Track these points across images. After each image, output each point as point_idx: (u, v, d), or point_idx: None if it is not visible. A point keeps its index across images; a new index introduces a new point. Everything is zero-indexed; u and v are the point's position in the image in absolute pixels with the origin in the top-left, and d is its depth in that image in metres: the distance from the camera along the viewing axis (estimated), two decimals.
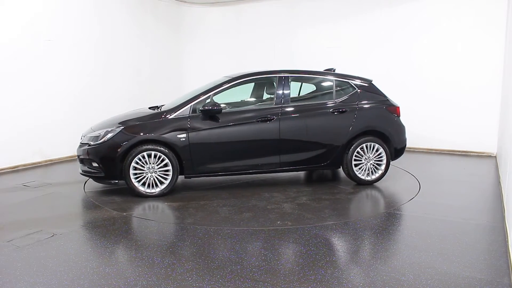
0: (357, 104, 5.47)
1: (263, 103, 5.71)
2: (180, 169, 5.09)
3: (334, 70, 5.82)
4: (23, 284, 2.86)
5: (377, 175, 5.51)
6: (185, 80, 10.03)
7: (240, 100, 5.95)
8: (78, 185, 5.62)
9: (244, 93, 5.90)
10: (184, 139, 4.99)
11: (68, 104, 7.44)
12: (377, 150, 5.45)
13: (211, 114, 5.08)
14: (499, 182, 5.63)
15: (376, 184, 5.53)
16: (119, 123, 5.08)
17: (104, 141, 4.98)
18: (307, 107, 5.45)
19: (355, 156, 5.41)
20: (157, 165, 4.98)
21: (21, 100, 6.70)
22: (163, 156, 4.96)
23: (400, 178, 5.91)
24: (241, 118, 5.23)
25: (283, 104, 5.33)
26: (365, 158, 5.45)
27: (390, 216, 4.31)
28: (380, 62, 8.33)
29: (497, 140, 7.38)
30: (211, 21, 10.12)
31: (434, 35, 7.87)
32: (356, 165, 5.43)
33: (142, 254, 3.37)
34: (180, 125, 5.04)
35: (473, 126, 7.71)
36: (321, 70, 5.88)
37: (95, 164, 5.04)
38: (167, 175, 5.02)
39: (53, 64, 7.14)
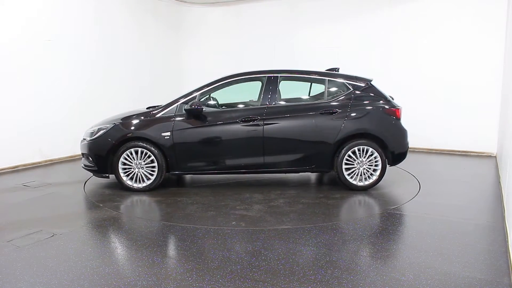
0: (350, 105, 5.19)
1: (251, 103, 5.69)
2: (166, 166, 5.26)
3: (337, 70, 5.70)
4: (23, 284, 2.86)
5: (370, 181, 5.21)
6: (185, 80, 10.03)
7: (230, 100, 5.98)
8: (78, 185, 5.62)
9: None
10: (168, 137, 5.16)
11: (68, 104, 7.44)
12: (371, 155, 5.16)
13: (193, 113, 5.17)
14: (499, 182, 5.63)
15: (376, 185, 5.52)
16: (112, 121, 5.39)
17: (96, 137, 5.29)
18: (293, 108, 5.28)
19: (348, 160, 5.17)
20: (144, 162, 5.21)
21: (21, 100, 6.70)
22: (149, 153, 5.17)
23: (400, 178, 5.90)
24: (225, 118, 5.26)
25: (270, 104, 5.26)
26: (358, 163, 5.18)
27: (390, 216, 4.31)
28: (380, 62, 8.34)
29: (497, 140, 7.38)
30: (211, 21, 10.12)
31: (434, 35, 7.87)
32: (348, 169, 5.19)
33: (142, 254, 3.37)
34: (165, 123, 5.21)
35: (473, 126, 7.71)
36: (318, 69, 5.76)
37: (90, 158, 5.37)
38: (153, 171, 5.22)
39: (53, 64, 7.14)
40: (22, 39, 6.64)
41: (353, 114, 5.18)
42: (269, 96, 5.29)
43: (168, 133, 5.16)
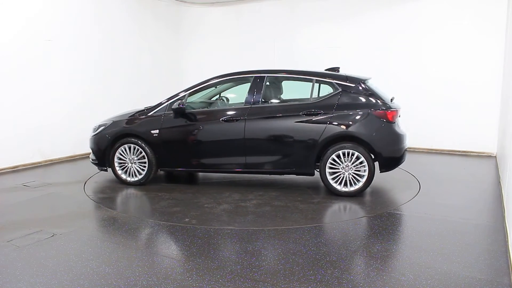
0: (335, 106, 4.96)
1: (238, 103, 5.77)
2: (156, 162, 5.49)
3: (338, 69, 5.61)
4: (23, 284, 2.86)
5: (356, 187, 4.91)
6: (185, 80, 10.02)
7: (220, 100, 6.13)
8: (78, 185, 5.63)
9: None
10: (156, 134, 5.39)
11: (68, 104, 7.44)
12: (357, 159, 4.87)
13: (178, 112, 5.32)
14: (499, 182, 5.63)
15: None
16: (112, 118, 5.79)
17: (97, 133, 5.70)
18: (277, 108, 5.23)
19: (332, 164, 4.94)
20: (137, 157, 5.51)
21: (22, 100, 6.69)
22: (140, 149, 5.46)
23: (400, 178, 5.90)
24: (210, 117, 5.38)
25: (253, 104, 5.23)
26: (343, 167, 4.93)
27: (390, 216, 4.31)
28: (380, 62, 8.33)
29: (497, 140, 7.38)
30: (211, 21, 10.11)
31: (435, 35, 7.86)
32: (333, 174, 4.96)
33: (142, 254, 3.37)
34: (155, 122, 5.45)
35: (473, 126, 7.71)
36: (306, 69, 5.66)
37: (93, 152, 5.80)
38: (145, 166, 5.49)
39: (53, 64, 7.14)
40: (22, 39, 6.63)
41: (337, 116, 4.92)
42: (254, 96, 5.27)
43: (157, 131, 5.39)
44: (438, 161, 7.34)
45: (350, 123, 4.90)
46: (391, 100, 5.26)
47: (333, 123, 4.92)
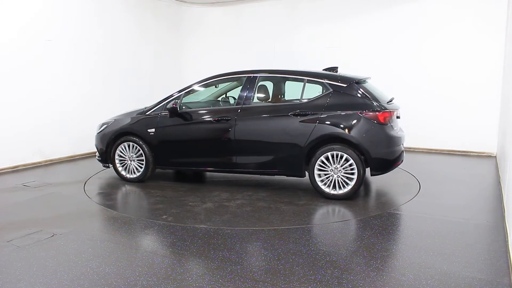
0: (325, 107, 4.84)
1: (231, 103, 5.88)
2: (153, 160, 5.64)
3: (336, 69, 5.56)
4: (23, 284, 2.86)
5: (345, 190, 4.75)
6: (185, 80, 10.01)
7: (216, 100, 6.19)
8: (78, 185, 5.63)
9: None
10: (152, 133, 5.55)
11: (68, 104, 7.44)
12: (347, 161, 4.72)
13: (172, 112, 5.45)
14: (499, 182, 5.63)
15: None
16: (114, 117, 5.99)
17: (101, 131, 5.94)
18: (266, 109, 5.21)
19: (321, 166, 4.83)
20: (136, 155, 5.68)
21: (22, 100, 6.69)
22: (138, 147, 5.63)
23: (400, 178, 5.90)
24: (202, 117, 5.45)
25: (244, 104, 5.23)
26: (331, 169, 4.81)
27: (390, 216, 4.31)
28: (380, 62, 8.33)
29: (497, 140, 7.38)
30: (211, 21, 10.12)
31: (435, 35, 7.86)
32: (322, 176, 4.86)
33: (142, 254, 3.37)
34: (152, 121, 5.60)
35: (473, 126, 7.70)
36: (299, 69, 5.63)
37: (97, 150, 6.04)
38: (143, 164, 5.66)
39: (53, 64, 7.14)
40: (22, 39, 6.63)
41: (327, 117, 4.81)
42: (245, 96, 5.28)
43: (153, 130, 5.54)
44: (438, 161, 7.34)
45: (339, 124, 4.77)
46: (391, 100, 5.19)
47: (322, 124, 4.81)
